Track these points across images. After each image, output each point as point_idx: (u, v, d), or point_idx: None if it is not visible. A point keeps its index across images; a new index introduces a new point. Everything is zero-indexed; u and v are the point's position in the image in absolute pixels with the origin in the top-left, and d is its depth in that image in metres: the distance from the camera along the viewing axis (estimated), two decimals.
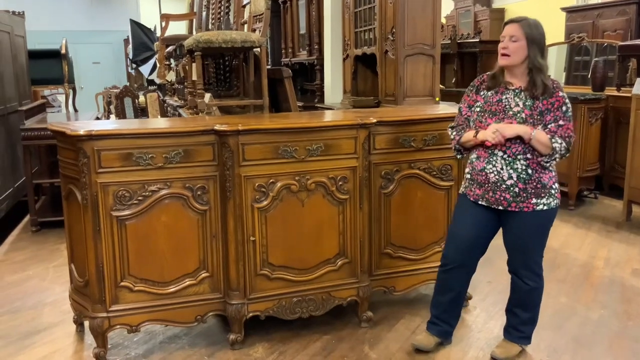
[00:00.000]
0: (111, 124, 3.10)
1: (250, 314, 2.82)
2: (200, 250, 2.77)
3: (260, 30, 3.51)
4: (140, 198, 2.63)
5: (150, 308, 2.73)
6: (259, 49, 3.53)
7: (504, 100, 2.47)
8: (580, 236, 4.54)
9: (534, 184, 2.43)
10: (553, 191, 2.48)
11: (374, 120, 2.83)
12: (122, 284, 2.68)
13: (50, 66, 7.03)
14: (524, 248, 2.55)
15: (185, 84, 4.21)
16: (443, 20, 7.90)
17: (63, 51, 6.70)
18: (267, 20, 3.44)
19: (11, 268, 4.04)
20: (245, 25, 3.95)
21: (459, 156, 2.70)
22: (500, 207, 2.49)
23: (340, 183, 2.85)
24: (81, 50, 13.45)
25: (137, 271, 2.69)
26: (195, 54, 3.26)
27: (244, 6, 4.22)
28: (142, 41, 10.91)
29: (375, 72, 4.84)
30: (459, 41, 8.13)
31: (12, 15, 5.77)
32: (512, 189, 2.44)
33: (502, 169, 2.44)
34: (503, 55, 2.46)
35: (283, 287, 2.86)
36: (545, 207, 2.46)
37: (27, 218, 5.19)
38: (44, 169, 5.57)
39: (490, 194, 2.49)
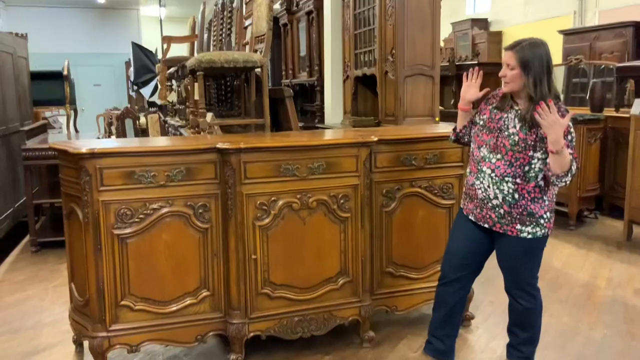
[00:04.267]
0: (113, 143, 3.11)
1: (252, 334, 2.80)
2: (201, 268, 2.76)
3: (262, 51, 3.55)
4: (141, 216, 2.63)
5: (150, 327, 2.71)
6: (260, 69, 3.56)
7: (503, 119, 2.45)
8: (581, 256, 4.52)
9: (520, 210, 2.39)
10: (542, 221, 2.42)
11: (375, 139, 2.85)
12: (123, 303, 2.67)
13: (52, 87, 7.09)
14: (513, 269, 2.54)
15: (187, 104, 4.23)
16: (441, 44, 7.97)
17: (65, 72, 6.75)
18: (269, 41, 3.48)
19: (11, 288, 4.02)
20: (247, 46, 4.00)
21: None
22: (486, 225, 2.49)
23: (341, 201, 2.85)
24: (82, 72, 13.55)
25: (137, 290, 2.68)
26: (197, 73, 3.29)
27: (246, 27, 4.27)
28: (143, 63, 11.00)
29: (375, 92, 4.88)
30: (457, 63, 8.21)
31: (15, 37, 5.83)
32: (497, 209, 2.43)
33: (488, 186, 2.43)
34: (504, 83, 2.46)
35: (284, 306, 2.84)
36: (529, 236, 2.42)
37: (27, 238, 5.18)
38: (44, 189, 5.57)
39: (478, 210, 2.50)
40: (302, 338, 2.88)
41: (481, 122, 2.54)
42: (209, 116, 3.36)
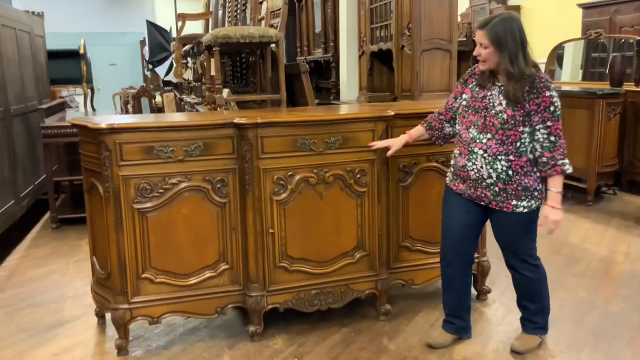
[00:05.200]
0: (132, 118, 3.13)
1: (270, 306, 2.84)
2: (219, 242, 2.79)
3: (277, 26, 3.53)
4: (161, 191, 2.66)
5: (171, 300, 2.76)
6: (276, 45, 3.55)
7: (488, 97, 2.42)
8: (599, 231, 4.50)
9: (514, 185, 2.39)
10: (536, 193, 2.43)
11: (392, 113, 2.84)
12: (144, 275, 2.72)
13: (69, 66, 7.12)
14: (512, 243, 2.55)
15: (203, 80, 4.24)
16: (458, 18, 7.87)
17: (82, 51, 6.78)
18: (284, 16, 3.46)
19: (33, 263, 4.11)
20: (263, 22, 3.98)
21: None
22: (482, 203, 2.50)
23: (358, 176, 2.86)
24: (98, 52, 13.54)
25: (158, 263, 2.72)
26: (213, 49, 3.29)
27: (261, 2, 4.25)
28: (158, 42, 10.98)
29: (391, 68, 4.84)
30: (474, 38, 8.09)
31: (31, 16, 5.85)
32: (492, 187, 2.42)
33: (481, 167, 2.41)
34: (480, 61, 2.44)
35: (302, 279, 2.87)
36: (525, 210, 2.43)
37: (47, 215, 5.27)
38: (63, 167, 5.64)
39: (472, 190, 2.49)
40: (319, 311, 2.92)
41: (464, 103, 2.51)
42: (225, 92, 3.37)
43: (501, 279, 3.49)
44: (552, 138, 2.32)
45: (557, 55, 7.06)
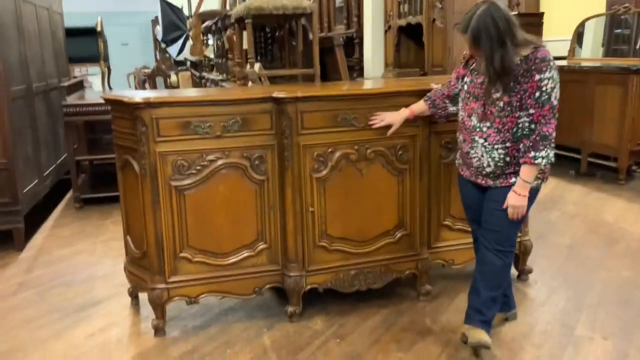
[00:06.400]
0: (167, 93, 3.04)
1: (309, 287, 2.77)
2: (258, 221, 2.71)
3: None
4: (198, 167, 2.58)
5: (209, 279, 2.69)
6: (308, 17, 3.43)
7: (486, 83, 2.29)
8: (634, 210, 4.39)
9: (513, 167, 2.28)
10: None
11: (437, 86, 2.72)
12: (181, 255, 2.65)
13: (85, 44, 7.02)
14: (496, 221, 2.33)
15: (229, 56, 4.13)
16: None
17: (99, 29, 6.66)
18: None
19: (59, 243, 4.06)
20: None
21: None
22: (485, 186, 2.38)
23: (400, 152, 2.76)
24: (109, 31, 13.41)
25: (196, 242, 2.65)
26: (246, 21, 3.17)
27: None
28: (171, 20, 10.85)
29: (420, 43, 4.72)
30: None
31: None
32: (492, 175, 2.33)
33: (482, 156, 2.32)
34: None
35: (341, 259, 2.80)
36: None
37: (69, 195, 5.21)
38: (82, 146, 5.56)
39: (474, 177, 2.41)
40: (358, 291, 2.85)
41: (466, 88, 2.41)
42: (257, 66, 3.26)
43: (540, 258, 3.41)
44: (532, 126, 2.18)
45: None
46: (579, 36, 7.13)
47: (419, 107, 2.66)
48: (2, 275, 3.48)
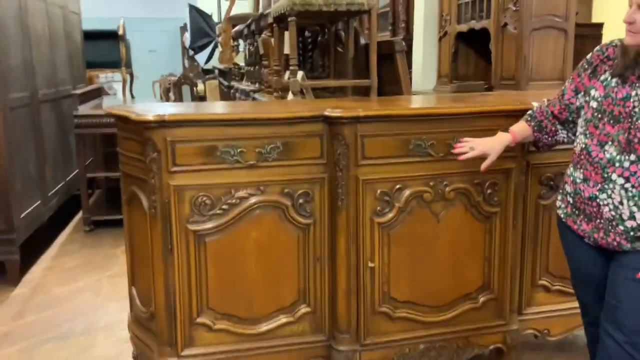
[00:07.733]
0: (187, 107, 2.44)
1: None
2: (300, 277, 2.08)
3: None
4: (225, 207, 1.96)
5: (233, 353, 2.06)
6: (356, 19, 2.81)
7: (633, 99, 1.55)
8: None
9: None
10: None
11: (536, 104, 2.04)
12: (199, 320, 2.02)
13: (107, 49, 6.54)
14: (634, 301, 1.60)
15: (264, 63, 3.53)
16: None
17: (120, 32, 6.14)
18: None
19: (60, 277, 3.48)
20: None
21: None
22: (610, 249, 1.64)
23: (488, 191, 2.11)
24: (137, 37, 13.09)
25: (218, 304, 2.03)
26: (289, 19, 2.56)
27: None
28: (200, 27, 10.41)
29: (481, 52, 4.06)
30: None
31: None
32: (631, 233, 1.57)
33: (621, 203, 1.57)
34: (629, 32, 1.54)
35: (408, 330, 2.15)
36: None
37: (79, 215, 4.65)
38: (98, 160, 5.03)
39: (602, 234, 1.62)
40: None
41: (595, 105, 1.65)
42: (300, 75, 2.64)
43: None
44: None
45: None
46: None
47: (522, 130, 1.93)
48: None
